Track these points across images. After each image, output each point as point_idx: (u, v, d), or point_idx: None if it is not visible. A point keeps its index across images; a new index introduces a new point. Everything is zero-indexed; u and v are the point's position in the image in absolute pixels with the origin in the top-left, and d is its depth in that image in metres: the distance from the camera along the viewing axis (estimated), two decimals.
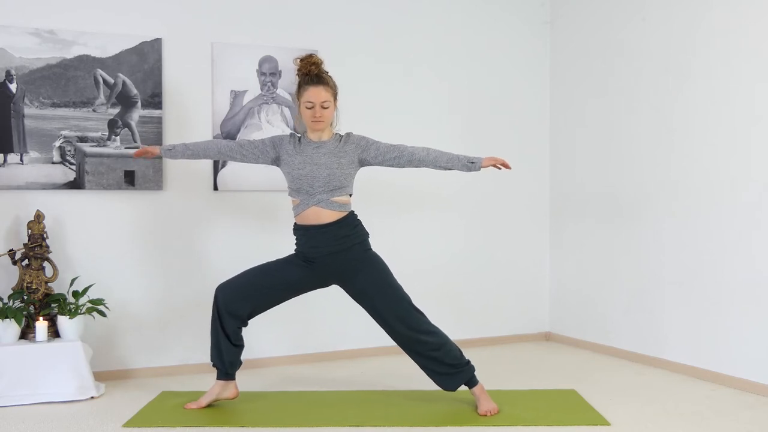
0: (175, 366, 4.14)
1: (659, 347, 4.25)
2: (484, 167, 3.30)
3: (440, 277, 4.80)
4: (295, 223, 3.39)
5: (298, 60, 3.31)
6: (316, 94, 3.27)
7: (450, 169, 3.33)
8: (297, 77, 3.34)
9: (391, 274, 3.38)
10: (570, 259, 4.97)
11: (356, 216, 3.39)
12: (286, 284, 3.38)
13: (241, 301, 3.34)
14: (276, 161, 3.41)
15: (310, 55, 3.30)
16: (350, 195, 3.37)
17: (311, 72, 3.28)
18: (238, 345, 3.41)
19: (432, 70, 4.79)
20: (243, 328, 3.42)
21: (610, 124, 4.62)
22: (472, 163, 3.29)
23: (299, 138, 3.38)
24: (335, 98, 3.34)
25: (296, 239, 3.40)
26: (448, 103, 4.84)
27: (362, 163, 3.37)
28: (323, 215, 3.28)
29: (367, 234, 3.40)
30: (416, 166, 3.35)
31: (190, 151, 3.47)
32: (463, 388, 3.41)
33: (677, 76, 4.14)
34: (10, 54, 3.80)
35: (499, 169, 3.37)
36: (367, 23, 4.60)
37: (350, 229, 3.32)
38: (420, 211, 4.75)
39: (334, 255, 3.30)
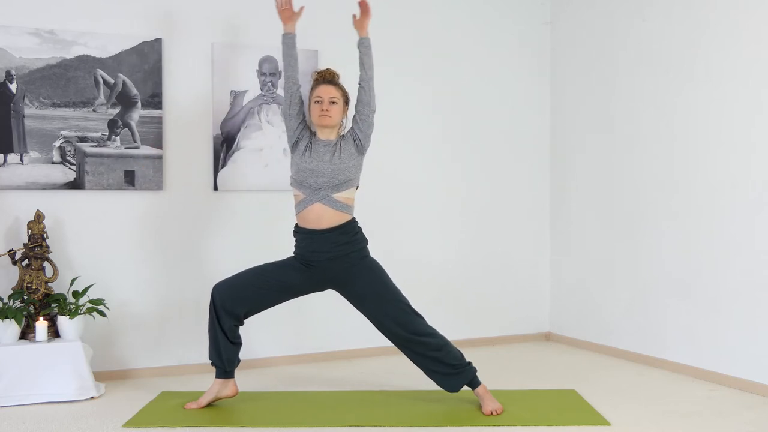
0: (175, 366, 4.14)
1: (659, 347, 4.25)
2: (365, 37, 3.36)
3: (441, 278, 4.80)
4: (296, 225, 3.40)
5: (316, 72, 3.43)
6: (325, 90, 3.35)
7: (367, 62, 3.35)
8: (311, 84, 3.41)
9: (389, 279, 3.39)
10: (570, 259, 4.96)
11: (357, 223, 3.41)
12: (282, 286, 3.38)
13: (237, 300, 3.34)
14: (297, 121, 3.37)
15: (328, 68, 3.43)
16: (357, 187, 3.38)
17: (326, 77, 3.38)
18: (236, 342, 3.42)
19: (431, 70, 4.78)
20: (240, 327, 3.44)
21: (610, 123, 4.61)
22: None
23: (313, 134, 3.40)
24: (346, 103, 3.41)
25: (296, 242, 3.41)
26: (448, 103, 4.83)
27: (357, 141, 3.35)
28: (325, 216, 3.28)
29: (367, 241, 3.43)
30: (371, 85, 3.34)
31: (293, 53, 3.41)
32: (465, 388, 3.41)
33: (678, 77, 4.14)
34: (10, 54, 3.80)
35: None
36: None
37: (351, 236, 3.34)
38: (421, 213, 4.75)
39: (333, 260, 3.32)
